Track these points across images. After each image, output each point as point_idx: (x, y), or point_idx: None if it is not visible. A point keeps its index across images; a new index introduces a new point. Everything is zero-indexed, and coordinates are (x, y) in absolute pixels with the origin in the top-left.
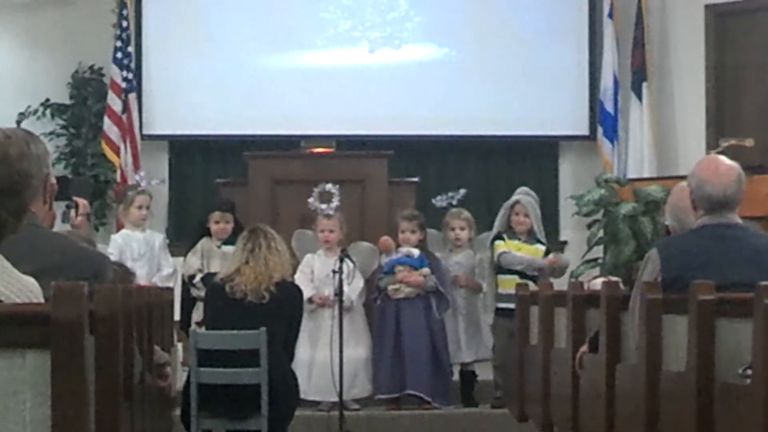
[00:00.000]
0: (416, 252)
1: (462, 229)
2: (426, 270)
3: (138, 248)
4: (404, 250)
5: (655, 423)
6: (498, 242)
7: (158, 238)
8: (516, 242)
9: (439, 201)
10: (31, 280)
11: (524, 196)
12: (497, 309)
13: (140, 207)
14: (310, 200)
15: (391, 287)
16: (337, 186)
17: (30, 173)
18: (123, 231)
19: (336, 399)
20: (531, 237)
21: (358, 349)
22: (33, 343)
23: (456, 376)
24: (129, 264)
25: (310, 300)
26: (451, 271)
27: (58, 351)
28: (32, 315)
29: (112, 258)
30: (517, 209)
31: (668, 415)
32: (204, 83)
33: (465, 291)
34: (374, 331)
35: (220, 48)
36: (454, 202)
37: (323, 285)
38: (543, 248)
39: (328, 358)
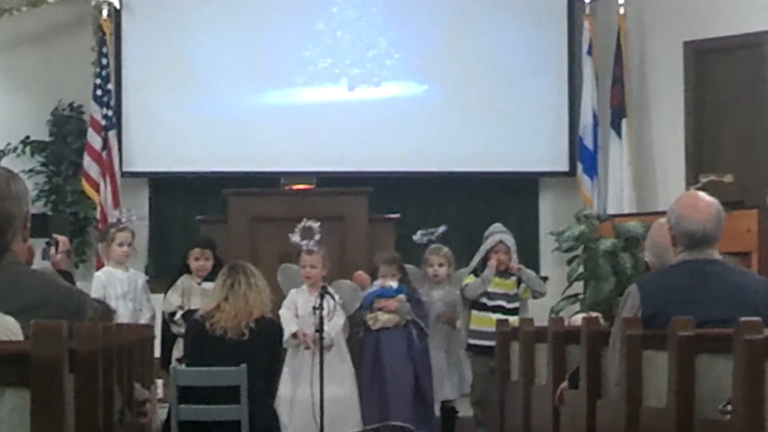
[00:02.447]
0: (394, 284)
1: (441, 265)
2: (402, 297)
3: (121, 287)
4: (379, 282)
5: None
6: (467, 277)
7: (141, 279)
8: (494, 278)
9: (420, 237)
10: (10, 319)
11: (505, 234)
12: (470, 345)
13: (121, 244)
14: (292, 236)
15: (369, 317)
16: (319, 223)
17: (12, 213)
18: (106, 268)
19: None
20: (505, 273)
21: (341, 387)
22: (12, 381)
23: (437, 412)
24: (112, 302)
25: (294, 335)
26: (431, 307)
27: (38, 390)
28: (11, 354)
29: (95, 295)
30: (498, 248)
31: None
32: (184, 120)
33: (446, 327)
34: (357, 365)
35: (199, 85)
36: (434, 239)
37: (306, 321)
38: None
39: (309, 396)
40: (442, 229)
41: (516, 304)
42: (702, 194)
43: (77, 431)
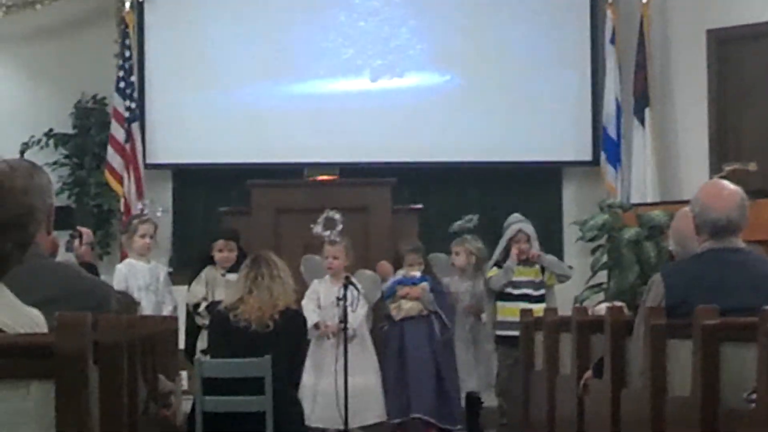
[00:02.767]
0: (417, 273)
1: (457, 254)
2: (425, 285)
3: (143, 278)
4: (402, 271)
5: None
6: (491, 269)
7: (163, 271)
8: (518, 268)
9: (456, 227)
10: (35, 311)
11: (524, 223)
12: (497, 336)
13: (143, 236)
14: (314, 227)
15: (392, 305)
16: (341, 213)
17: (35, 205)
18: (127, 260)
19: (341, 426)
20: (528, 261)
21: (364, 377)
22: (37, 374)
23: (462, 403)
24: (134, 294)
25: (316, 326)
26: (458, 298)
27: (62, 382)
28: (36, 346)
29: (117, 288)
30: (519, 237)
31: None
32: (207, 112)
33: (473, 320)
34: (380, 356)
35: (223, 77)
36: (467, 228)
37: (329, 312)
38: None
39: (332, 386)
40: (473, 218)
41: (542, 291)
42: (726, 183)
43: (102, 423)
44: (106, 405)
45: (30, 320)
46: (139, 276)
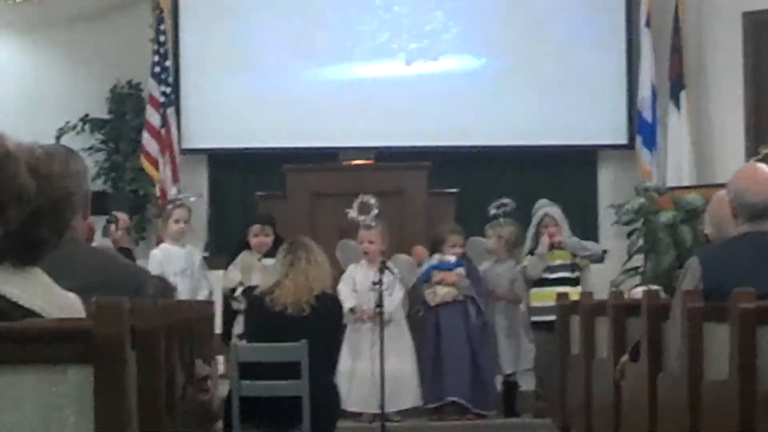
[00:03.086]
0: (452, 258)
1: (489, 238)
2: (460, 270)
3: (179, 264)
4: (438, 256)
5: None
6: (526, 258)
7: (198, 256)
8: (549, 253)
9: (493, 209)
10: (73, 296)
11: (550, 207)
12: (533, 322)
13: (178, 221)
14: (349, 212)
15: (428, 291)
16: (376, 197)
17: (72, 191)
18: (163, 245)
19: (377, 410)
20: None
21: (400, 361)
22: (75, 358)
23: (499, 387)
24: (170, 279)
25: (352, 310)
26: (494, 282)
27: (101, 366)
28: (74, 331)
29: (153, 273)
30: (546, 222)
31: (710, 424)
32: (242, 97)
33: (504, 304)
34: (416, 341)
35: (258, 61)
36: (501, 212)
37: (365, 296)
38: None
39: (368, 370)
40: (508, 202)
41: (578, 273)
42: (762, 166)
43: (140, 407)
44: (144, 389)
45: (67, 305)
46: (175, 261)
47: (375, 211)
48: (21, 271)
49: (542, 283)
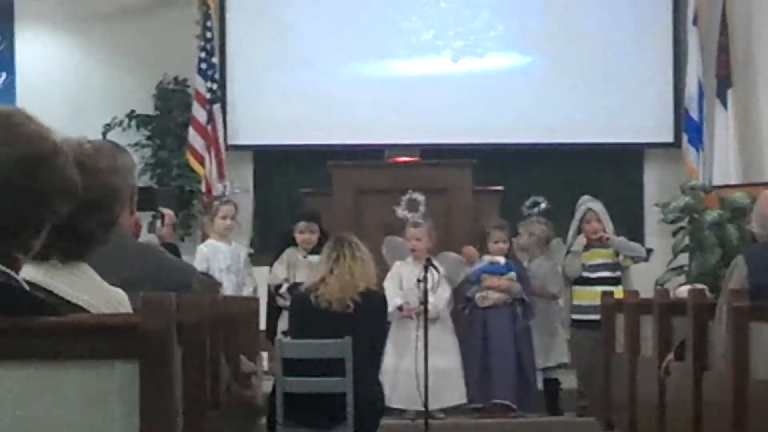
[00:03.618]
0: (501, 259)
1: (520, 235)
2: (513, 275)
3: (224, 260)
4: (488, 258)
5: (742, 431)
6: (567, 256)
7: (243, 252)
8: (590, 251)
9: (527, 208)
10: (120, 291)
11: (593, 202)
12: (574, 321)
13: (224, 217)
14: (397, 209)
15: (478, 295)
16: (424, 195)
17: (119, 186)
18: (209, 241)
19: (421, 408)
20: (601, 242)
21: (445, 359)
22: (121, 353)
23: (540, 385)
24: (216, 275)
25: (400, 308)
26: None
27: (147, 361)
28: (121, 326)
29: (199, 268)
30: (589, 217)
31: (756, 423)
32: (288, 93)
33: (539, 299)
34: (461, 340)
35: (303, 58)
36: (535, 211)
37: (411, 293)
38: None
39: (413, 367)
40: (542, 200)
41: (619, 273)
42: None
43: (185, 402)
44: (190, 384)
45: (114, 300)
46: (221, 257)
47: (423, 208)
48: (68, 266)
49: (584, 281)
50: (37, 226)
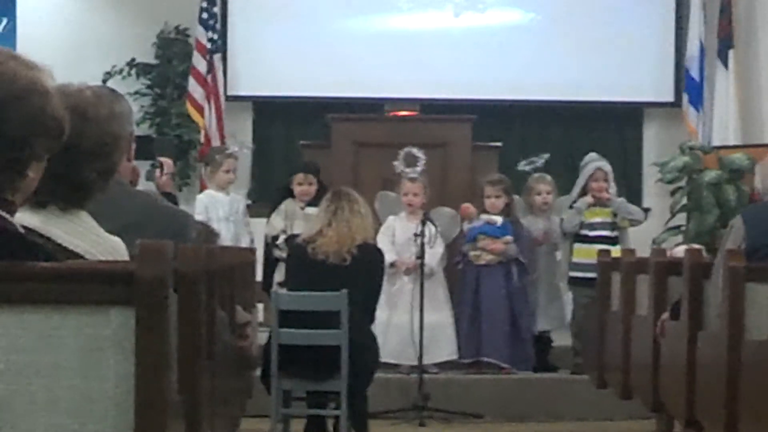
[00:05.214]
0: (499, 219)
1: (548, 193)
2: (508, 238)
3: (223, 209)
4: (485, 217)
5: (736, 391)
6: (566, 211)
7: (242, 203)
8: (590, 209)
9: (523, 165)
10: (116, 239)
11: (602, 162)
12: (571, 278)
13: (228, 171)
14: (396, 163)
15: (472, 253)
16: (422, 150)
17: (119, 134)
18: (208, 191)
19: (413, 362)
20: (602, 202)
21: (438, 314)
22: (117, 301)
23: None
24: (214, 225)
25: (392, 264)
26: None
27: (142, 308)
28: (117, 273)
29: (198, 218)
30: (597, 176)
31: (749, 384)
32: (289, 45)
33: (546, 258)
34: (454, 296)
35: (305, 10)
36: (540, 165)
37: (404, 248)
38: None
39: (405, 321)
40: (545, 156)
41: (617, 233)
42: None
43: (180, 350)
44: (185, 333)
45: (111, 248)
46: (220, 207)
47: (422, 163)
48: (67, 214)
49: (582, 239)
50: (17, 167)
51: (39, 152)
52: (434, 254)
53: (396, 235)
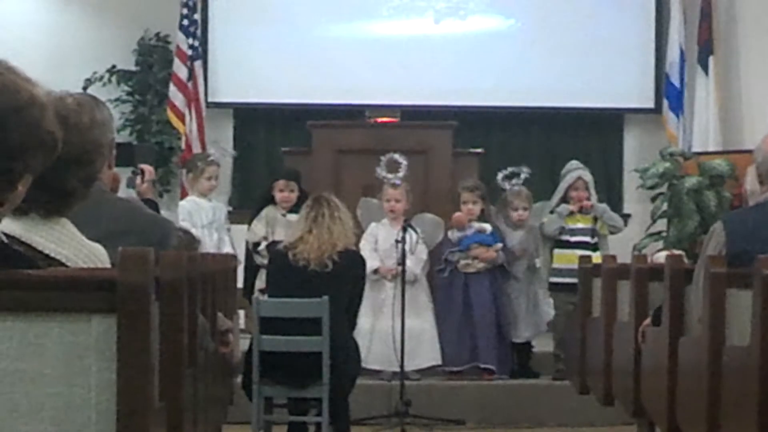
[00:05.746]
0: (488, 228)
1: (525, 209)
2: (499, 245)
3: (206, 216)
4: (476, 225)
5: (717, 397)
6: (547, 216)
7: (223, 211)
8: (572, 216)
9: (502, 179)
10: (98, 246)
11: (583, 171)
12: (552, 284)
13: (210, 178)
14: (378, 169)
15: (463, 262)
16: (404, 156)
17: (100, 141)
18: (191, 198)
19: (397, 369)
20: (583, 210)
21: (421, 320)
22: (99, 308)
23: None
24: (198, 231)
25: (375, 271)
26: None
27: (124, 316)
28: (99, 280)
29: (182, 224)
30: (577, 185)
31: (730, 390)
32: (269, 52)
33: (526, 269)
34: (439, 303)
35: (286, 16)
36: (521, 180)
37: (387, 255)
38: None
39: (389, 328)
40: (526, 171)
41: (597, 240)
42: None
43: (162, 358)
44: (167, 340)
45: (93, 255)
46: (203, 213)
47: (404, 170)
48: (48, 221)
49: (563, 245)
50: (10, 179)
51: (33, 165)
52: (418, 260)
53: (379, 242)
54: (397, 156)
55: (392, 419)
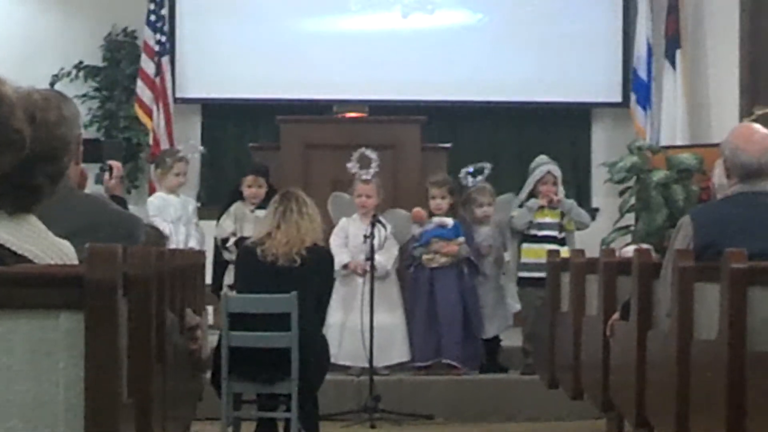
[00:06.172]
0: (450, 221)
1: (489, 204)
2: (461, 239)
3: (175, 211)
4: (437, 219)
5: (685, 391)
6: (515, 210)
7: (192, 204)
8: (540, 210)
9: (465, 178)
10: (66, 242)
11: (552, 165)
12: (520, 278)
13: (178, 174)
14: (349, 165)
15: (425, 257)
16: (376, 151)
17: (67, 137)
18: (159, 194)
19: (366, 364)
20: (551, 204)
21: (391, 316)
22: (67, 304)
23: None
24: (167, 227)
25: (345, 266)
26: (479, 246)
27: (92, 312)
28: (66, 276)
29: (154, 220)
30: (546, 179)
31: (699, 383)
32: (237, 47)
33: (493, 264)
34: (407, 298)
35: (253, 11)
36: (484, 177)
37: (358, 250)
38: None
39: (359, 324)
40: (488, 166)
41: (564, 234)
42: (757, 126)
43: (130, 354)
44: (135, 336)
45: (60, 251)
46: (172, 209)
47: (375, 165)
48: (15, 218)
49: (531, 239)
50: None
51: (2, 164)
52: (389, 256)
53: (349, 237)
54: (368, 151)
55: (362, 414)
